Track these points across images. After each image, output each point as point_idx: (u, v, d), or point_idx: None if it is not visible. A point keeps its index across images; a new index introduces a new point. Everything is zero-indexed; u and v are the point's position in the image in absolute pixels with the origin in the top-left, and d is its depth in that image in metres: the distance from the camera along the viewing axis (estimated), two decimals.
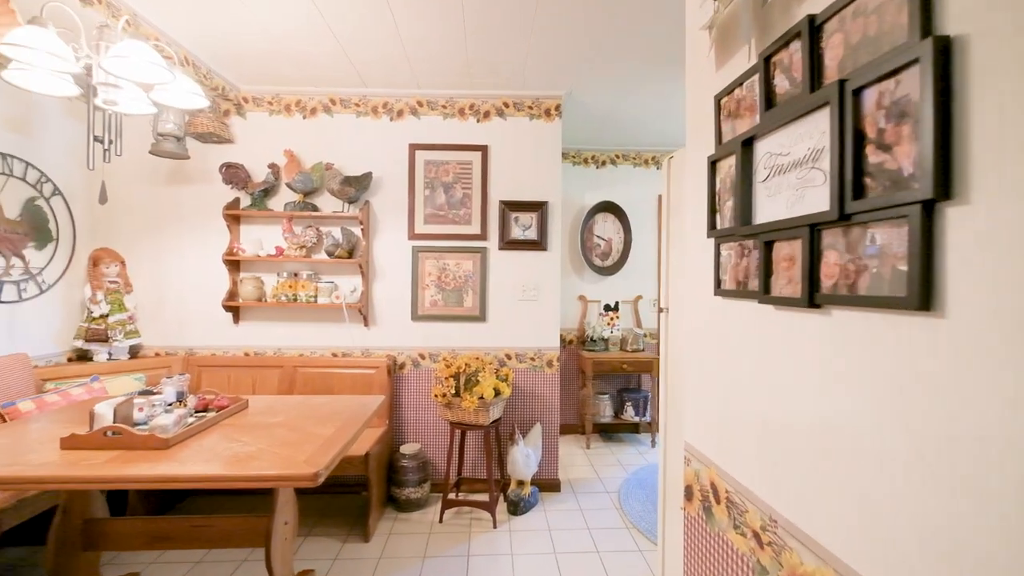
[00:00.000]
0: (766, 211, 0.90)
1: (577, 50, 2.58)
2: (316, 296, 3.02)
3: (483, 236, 3.12)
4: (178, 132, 2.68)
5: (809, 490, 0.80)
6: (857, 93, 0.68)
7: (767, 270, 0.89)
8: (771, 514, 0.90)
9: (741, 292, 0.99)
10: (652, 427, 4.05)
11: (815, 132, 0.77)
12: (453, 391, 2.70)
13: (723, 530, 1.07)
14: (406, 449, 2.95)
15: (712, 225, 1.11)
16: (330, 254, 2.99)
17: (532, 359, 3.16)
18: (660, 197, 4.41)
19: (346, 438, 1.76)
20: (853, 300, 0.69)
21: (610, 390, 4.37)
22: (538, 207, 3.13)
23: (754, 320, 0.96)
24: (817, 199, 0.76)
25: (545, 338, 3.16)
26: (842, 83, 0.70)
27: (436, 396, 2.69)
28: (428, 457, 3.09)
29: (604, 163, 4.42)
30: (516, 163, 3.15)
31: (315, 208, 3.05)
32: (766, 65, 0.89)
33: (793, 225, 0.80)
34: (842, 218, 0.70)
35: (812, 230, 0.76)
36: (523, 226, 3.14)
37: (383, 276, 3.13)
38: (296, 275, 3.05)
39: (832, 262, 0.73)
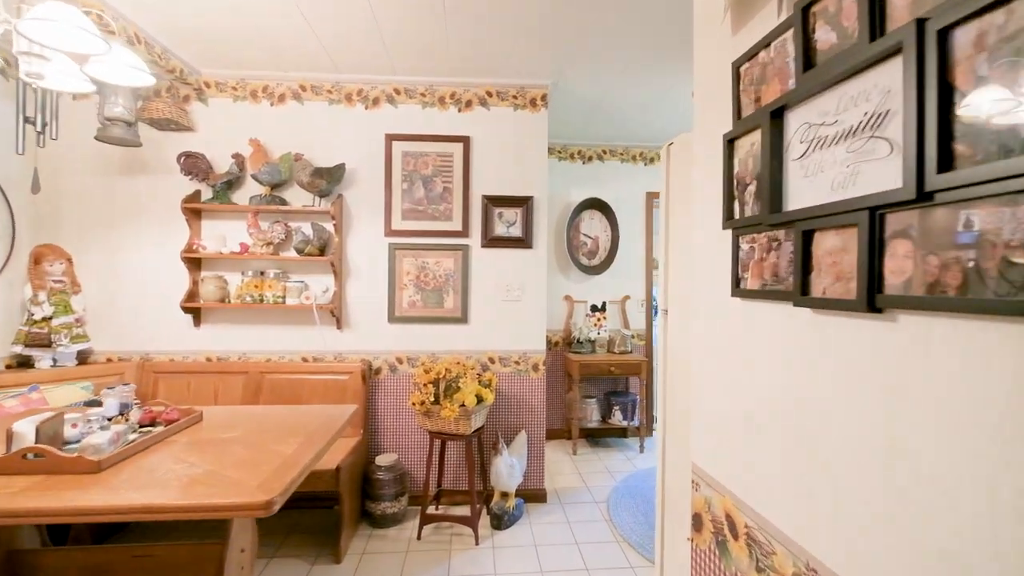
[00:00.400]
0: (803, 195, 0.74)
1: (564, 35, 2.42)
2: (284, 296, 2.80)
3: (465, 233, 2.94)
4: (128, 117, 2.43)
5: (870, 542, 0.65)
6: (944, 34, 0.52)
7: (805, 266, 0.73)
8: (808, 561, 0.75)
9: (768, 292, 0.83)
10: (640, 432, 3.92)
11: (875, 92, 0.61)
12: (432, 398, 2.51)
13: (742, 572, 0.92)
14: (382, 460, 2.75)
15: (729, 215, 0.95)
16: (300, 251, 2.78)
17: (516, 363, 2.99)
18: (655, 193, 4.29)
19: (308, 457, 1.57)
20: (937, 303, 0.53)
21: (597, 393, 4.23)
22: (523, 202, 2.96)
23: (786, 325, 0.81)
24: (880, 175, 0.60)
25: (530, 340, 2.99)
26: (921, 23, 0.54)
27: (414, 404, 2.50)
28: (406, 468, 2.90)
29: (591, 158, 4.27)
30: (500, 155, 2.97)
31: (283, 202, 2.83)
32: (804, 17, 0.73)
33: (845, 209, 0.65)
34: (921, 198, 0.55)
35: (873, 214, 0.61)
36: (507, 222, 2.97)
37: (357, 275, 2.92)
38: (262, 274, 2.83)
39: (902, 254, 0.58)
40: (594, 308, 4.19)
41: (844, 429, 0.69)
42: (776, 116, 0.79)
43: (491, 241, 2.95)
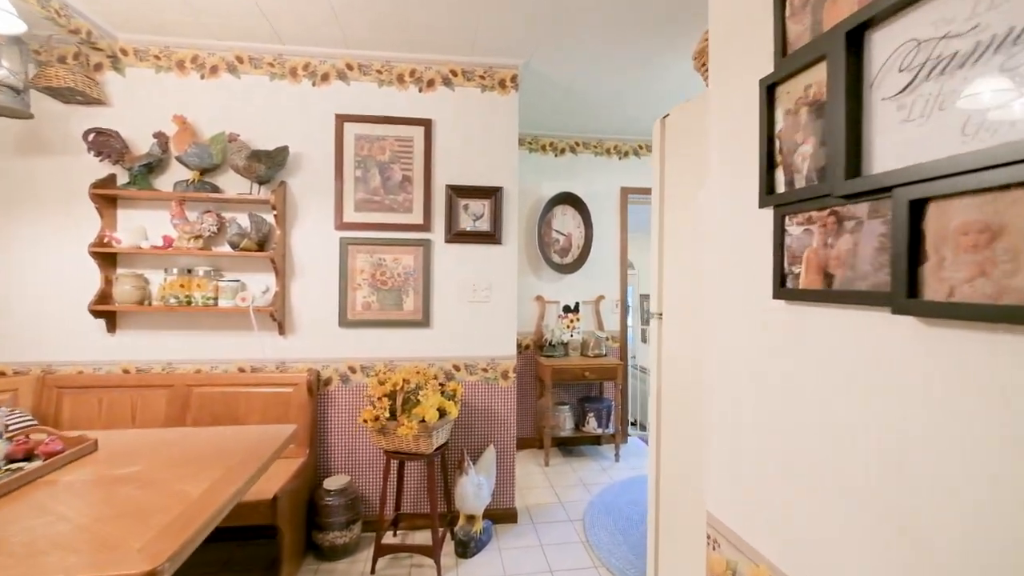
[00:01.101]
0: (906, 148, 0.50)
1: (538, 8, 2.16)
2: (217, 298, 2.44)
3: (426, 226, 2.64)
4: (15, 82, 2.02)
5: None
6: None
7: (913, 254, 0.49)
8: None
9: (840, 294, 0.59)
10: (616, 439, 3.72)
11: None
12: (388, 414, 2.20)
13: None
14: (332, 483, 2.42)
15: (769, 189, 0.71)
16: (234, 246, 2.41)
17: (484, 370, 2.71)
18: (631, 188, 4.09)
19: (222, 499, 1.25)
20: None
21: (570, 399, 4.00)
22: (491, 193, 2.69)
23: (874, 341, 0.56)
24: None
25: (499, 345, 2.72)
26: None
27: (366, 421, 2.19)
28: (360, 492, 2.58)
29: (563, 151, 4.04)
30: (465, 141, 2.69)
31: (215, 189, 2.46)
32: None
33: (1003, 161, 0.40)
34: None
35: None
36: (474, 215, 2.69)
37: (303, 273, 2.58)
38: (190, 272, 2.45)
39: None
40: (567, 309, 3.96)
41: (985, 514, 0.45)
42: (854, 39, 0.55)
43: (456, 236, 2.66)
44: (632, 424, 4.96)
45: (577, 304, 3.97)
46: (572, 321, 3.95)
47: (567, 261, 4.02)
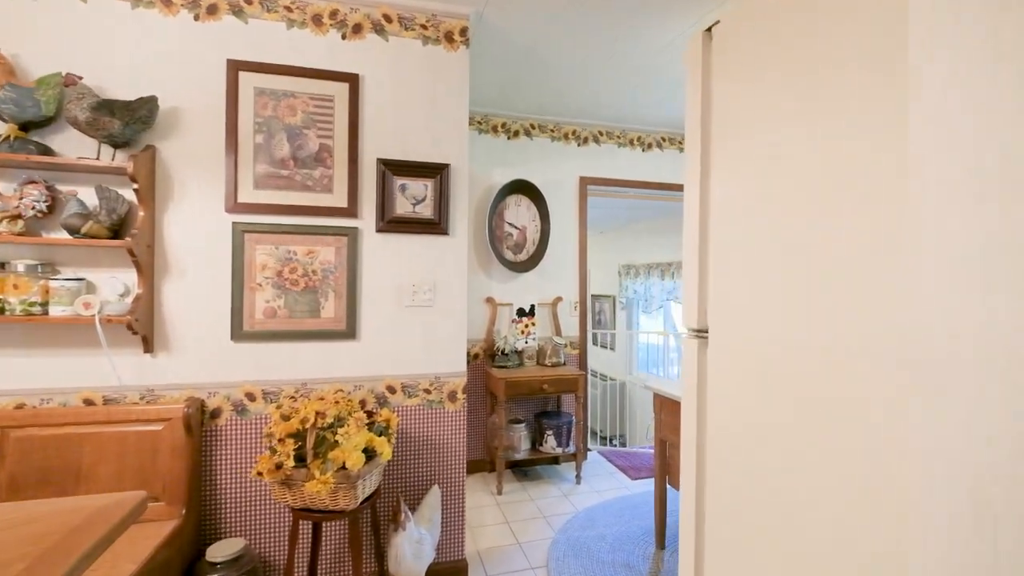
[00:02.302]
0: None
1: None
2: (47, 303, 1.74)
3: (352, 211, 2.07)
4: None
5: None
6: None
7: None
8: None
9: None
10: (577, 458, 3.30)
11: None
12: (295, 460, 1.63)
13: None
14: (219, 551, 1.80)
15: None
16: (73, 230, 1.73)
17: (427, 391, 2.18)
18: (590, 178, 3.68)
19: None
20: None
21: (526, 415, 3.55)
22: (435, 172, 2.16)
23: None
24: None
25: (446, 360, 2.21)
26: None
27: (263, 473, 1.60)
28: (261, 559, 1.97)
29: (517, 133, 3.57)
30: (403, 106, 2.15)
31: (46, 150, 1.76)
32: None
33: None
34: None
35: None
36: (413, 198, 2.15)
37: (181, 270, 1.93)
38: (3, 266, 1.74)
39: None
40: (521, 312, 3.50)
41: None
42: None
43: (391, 224, 2.12)
44: (594, 432, 4.59)
45: (532, 307, 3.53)
46: (527, 326, 3.50)
47: (521, 258, 3.56)
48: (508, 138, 3.55)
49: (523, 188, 3.52)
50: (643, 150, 3.86)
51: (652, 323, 5.87)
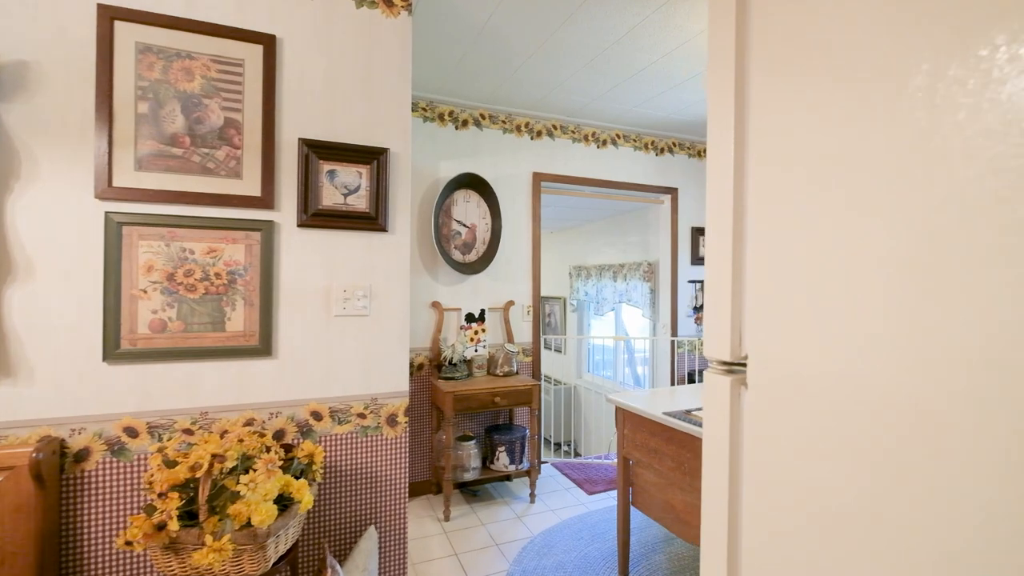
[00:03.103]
0: None
1: None
2: None
3: (267, 201, 1.71)
4: None
5: None
6: None
7: None
8: None
9: None
10: (531, 475, 3.06)
11: None
12: (182, 517, 1.26)
13: None
14: None
15: None
16: None
17: (361, 416, 1.85)
18: (544, 174, 3.45)
19: None
20: None
21: (476, 431, 3.27)
22: (371, 157, 1.84)
23: None
24: None
25: (385, 377, 1.88)
26: None
27: (132, 542, 1.21)
28: None
29: (466, 123, 3.28)
30: (332, 77, 1.80)
31: None
32: None
33: None
34: None
35: None
36: (344, 188, 1.81)
37: (29, 270, 1.49)
38: None
39: None
40: (470, 318, 3.22)
41: None
42: None
43: (317, 217, 1.77)
44: (546, 440, 4.28)
45: (482, 312, 3.25)
46: (477, 333, 3.22)
47: (471, 259, 3.27)
48: (456, 128, 3.25)
49: (472, 183, 3.23)
50: (598, 147, 3.69)
51: (603, 326, 5.76)
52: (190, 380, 1.63)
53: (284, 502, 1.41)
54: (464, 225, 3.25)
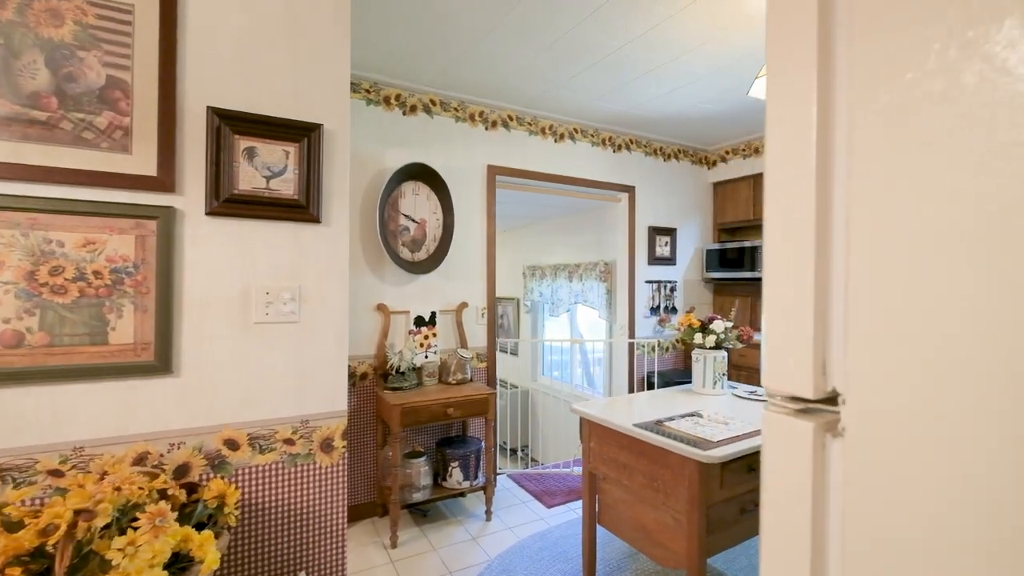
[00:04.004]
0: None
1: None
2: None
3: (165, 182, 1.38)
4: None
5: None
6: None
7: None
8: None
9: None
10: (487, 491, 2.83)
11: None
12: None
13: None
14: None
15: None
16: None
17: (289, 442, 1.55)
18: (499, 168, 3.23)
19: None
20: None
21: (427, 445, 3.00)
22: (301, 134, 1.55)
23: None
24: None
25: (319, 395, 1.60)
26: None
27: None
28: None
29: (414, 108, 3.01)
30: (251, 34, 1.50)
31: None
32: None
33: None
34: None
35: None
36: (268, 169, 1.52)
37: None
38: None
39: None
40: (420, 321, 2.95)
41: None
42: None
43: (232, 204, 1.46)
44: (501, 447, 3.95)
45: (433, 314, 2.99)
46: (427, 338, 2.96)
47: (420, 257, 3.00)
48: (404, 113, 2.97)
49: (422, 174, 2.96)
50: (555, 140, 3.52)
51: (558, 327, 5.63)
52: (58, 407, 1.28)
53: (182, 563, 1.10)
54: (413, 220, 2.97)
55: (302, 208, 1.55)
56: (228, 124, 1.45)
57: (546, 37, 2.40)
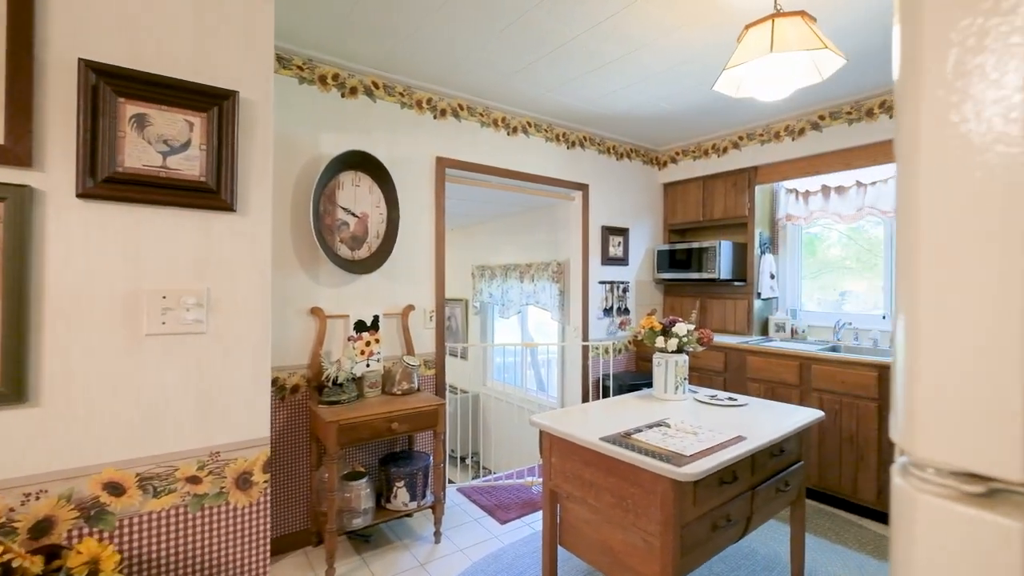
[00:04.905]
0: None
1: None
2: None
3: (18, 155, 1.06)
4: None
5: None
6: None
7: None
8: None
9: None
10: (436, 511, 2.59)
11: None
12: None
13: None
14: None
15: None
16: None
17: (194, 480, 1.26)
18: (449, 160, 2.99)
19: None
20: None
21: (370, 463, 2.72)
22: (211, 102, 1.26)
23: None
24: None
25: (232, 420, 1.32)
26: None
27: None
28: None
29: (355, 91, 2.72)
30: None
31: None
32: None
33: None
34: None
35: None
36: (164, 143, 1.22)
37: None
38: None
39: None
40: (361, 326, 2.67)
41: None
42: None
43: (113, 185, 1.16)
44: (450, 455, 3.60)
45: (376, 319, 2.72)
46: (369, 344, 2.68)
47: (361, 255, 2.71)
48: (343, 95, 2.67)
49: (363, 163, 2.68)
50: (508, 134, 3.34)
51: (509, 329, 5.45)
52: None
53: None
54: (353, 214, 2.68)
55: (211, 193, 1.27)
56: (109, 83, 1.14)
57: (498, 21, 2.21)
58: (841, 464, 2.87)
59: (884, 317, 3.30)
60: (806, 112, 3.35)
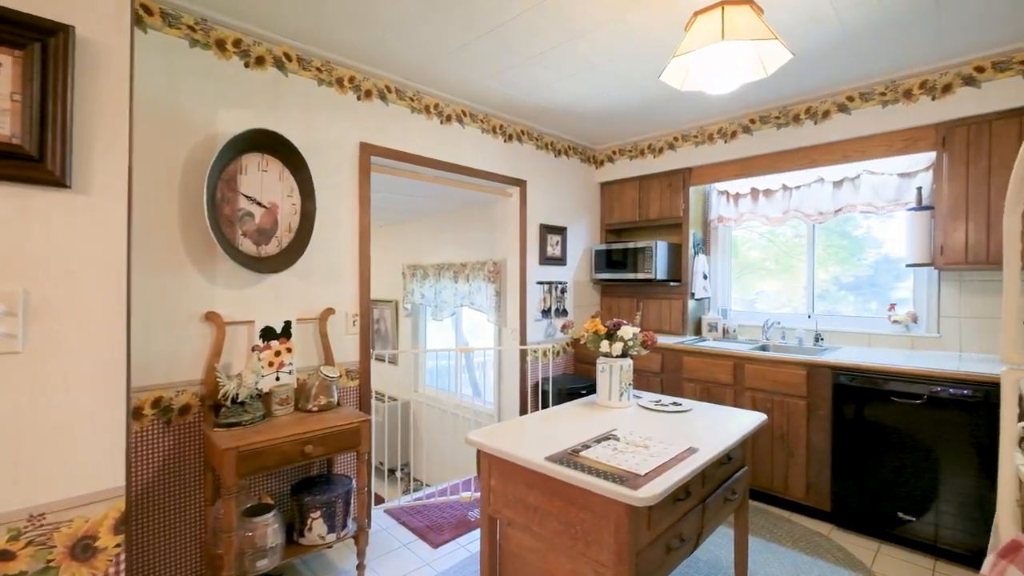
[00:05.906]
0: None
1: None
2: None
3: None
4: None
5: None
6: None
7: None
8: None
9: None
10: (359, 541, 2.29)
11: None
12: None
13: None
14: None
15: None
16: None
17: (5, 555, 0.91)
18: (375, 147, 2.68)
19: None
20: None
21: (279, 489, 2.36)
22: (30, 37, 0.92)
23: None
24: None
25: (64, 472, 0.98)
26: None
27: None
28: None
29: (262, 61, 2.35)
30: None
31: None
32: None
33: None
34: None
35: None
36: None
37: None
38: None
39: None
40: (269, 334, 2.31)
41: None
42: None
43: None
44: (378, 468, 3.20)
45: (288, 324, 2.37)
46: (279, 354, 2.32)
47: (270, 251, 2.35)
48: (247, 65, 2.30)
49: (272, 145, 2.32)
50: (441, 122, 3.09)
51: (442, 331, 5.17)
52: None
53: None
54: (259, 204, 2.31)
55: (29, 160, 0.93)
56: None
57: None
58: (772, 462, 2.91)
59: (809, 316, 3.42)
60: (738, 115, 3.40)
